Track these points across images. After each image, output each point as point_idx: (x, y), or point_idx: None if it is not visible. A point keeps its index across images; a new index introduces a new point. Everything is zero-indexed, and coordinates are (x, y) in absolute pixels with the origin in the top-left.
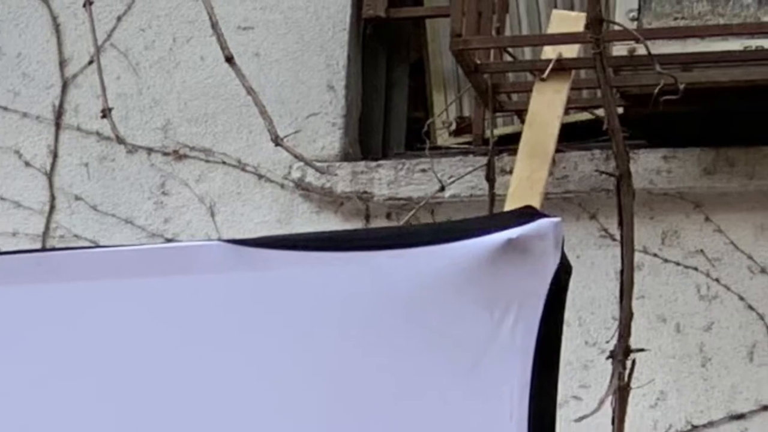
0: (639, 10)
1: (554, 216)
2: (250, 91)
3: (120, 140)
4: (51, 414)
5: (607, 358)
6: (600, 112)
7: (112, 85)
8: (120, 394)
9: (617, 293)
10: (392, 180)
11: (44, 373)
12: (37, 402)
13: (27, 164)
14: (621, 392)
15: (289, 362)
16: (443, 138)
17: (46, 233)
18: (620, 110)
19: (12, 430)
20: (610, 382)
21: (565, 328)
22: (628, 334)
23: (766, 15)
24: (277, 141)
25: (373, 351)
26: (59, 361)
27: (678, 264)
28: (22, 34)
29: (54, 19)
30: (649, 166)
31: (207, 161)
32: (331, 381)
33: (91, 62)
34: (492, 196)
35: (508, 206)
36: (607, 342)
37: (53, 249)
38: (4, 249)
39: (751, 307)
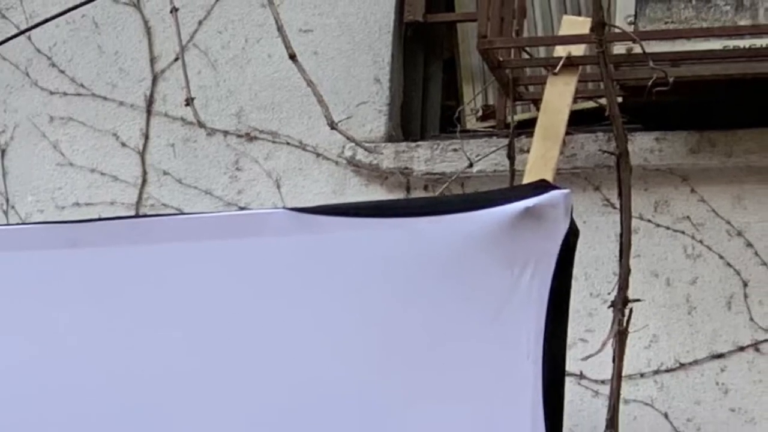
0: (635, 15)
1: (564, 188)
2: (309, 83)
3: (201, 125)
4: (145, 359)
5: (609, 307)
6: (603, 101)
7: (194, 78)
8: (203, 338)
9: (617, 252)
10: (429, 158)
11: (138, 321)
12: (133, 348)
13: (123, 145)
14: (620, 336)
15: (342, 312)
16: (471, 122)
17: (139, 202)
18: (619, 99)
19: (111, 376)
20: (611, 327)
21: (573, 282)
22: (626, 287)
23: (741, 20)
24: (332, 125)
25: (414, 302)
26: (150, 310)
27: (668, 228)
28: (119, 36)
29: (146, 23)
30: (643, 146)
31: (273, 142)
32: (378, 328)
33: (176, 59)
34: (512, 171)
35: (526, 180)
36: (609, 293)
37: (145, 216)
38: (104, 216)
39: (729, 265)
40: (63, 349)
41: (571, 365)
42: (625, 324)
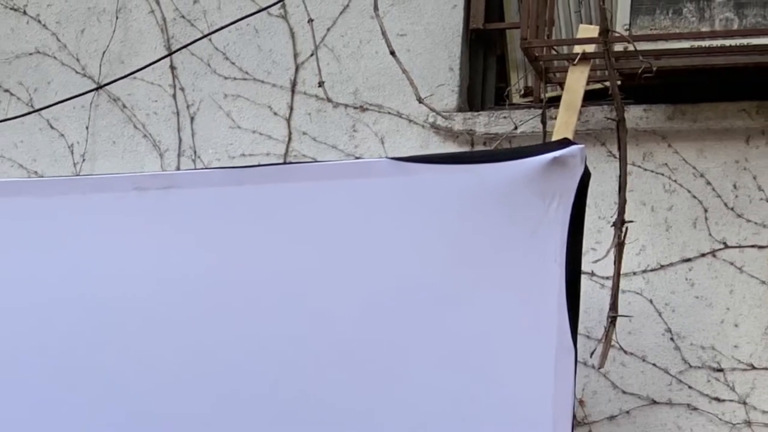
0: (629, 24)
1: (580, 144)
2: (404, 71)
3: (329, 100)
4: (296, 266)
5: (611, 226)
6: (607, 83)
7: (324, 68)
8: (331, 247)
9: (617, 188)
10: (486, 123)
11: (286, 235)
12: (286, 257)
13: (275, 114)
14: (619, 246)
15: (426, 229)
16: (516, 98)
17: (286, 154)
18: (618, 82)
19: (277, 275)
20: (613, 240)
21: (586, 208)
22: (623, 212)
23: (703, 27)
24: (420, 100)
25: (476, 222)
26: (294, 228)
27: (653, 171)
28: (272, 38)
29: (290, 29)
30: (635, 115)
31: (379, 112)
32: (451, 240)
33: (311, 55)
34: (544, 132)
35: (554, 138)
36: (611, 217)
37: (290, 163)
38: (262, 163)
39: (694, 197)
40: (236, 258)
41: (585, 266)
42: (622, 238)
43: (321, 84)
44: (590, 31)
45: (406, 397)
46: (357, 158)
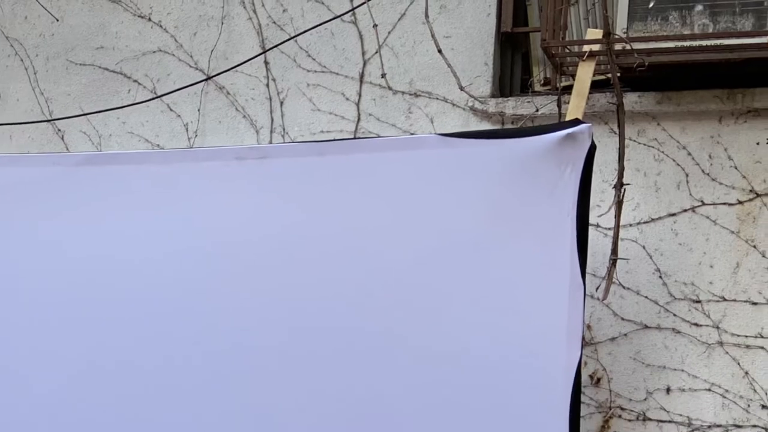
0: (627, 28)
1: (588, 123)
2: (449, 65)
3: (389, 88)
4: (363, 233)
5: (612, 187)
6: (609, 75)
7: (386, 63)
8: (391, 204)
9: (617, 158)
10: (514, 106)
11: (355, 194)
12: (356, 220)
13: (347, 99)
14: (619, 204)
15: (466, 189)
16: (537, 87)
17: (355, 131)
18: (618, 74)
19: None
20: (614, 198)
21: (593, 174)
22: (622, 176)
23: (685, 30)
24: (461, 89)
25: (506, 184)
26: (363, 190)
27: (645, 144)
28: (345, 39)
29: (359, 33)
30: (632, 100)
31: (429, 98)
32: (486, 197)
33: (376, 52)
34: (560, 114)
35: (567, 119)
36: (612, 180)
37: (359, 138)
38: (337, 138)
39: (678, 165)
40: (317, 215)
41: (591, 220)
42: (621, 197)
43: (383, 75)
44: (596, 33)
45: (450, 328)
46: (411, 134)
